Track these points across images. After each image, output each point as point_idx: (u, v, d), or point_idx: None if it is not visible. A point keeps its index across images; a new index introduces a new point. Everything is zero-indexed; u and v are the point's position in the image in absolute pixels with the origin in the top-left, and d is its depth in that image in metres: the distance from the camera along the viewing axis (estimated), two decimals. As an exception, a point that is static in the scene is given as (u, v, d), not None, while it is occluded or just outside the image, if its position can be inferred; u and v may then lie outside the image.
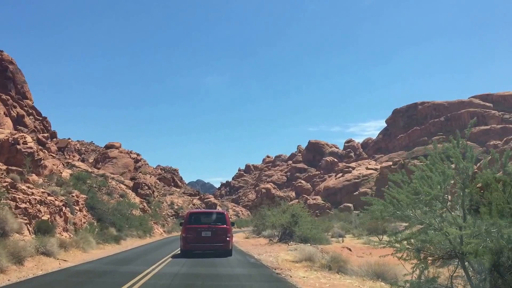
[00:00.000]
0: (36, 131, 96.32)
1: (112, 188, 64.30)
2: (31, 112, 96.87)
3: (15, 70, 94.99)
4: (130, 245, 37.90)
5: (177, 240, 36.27)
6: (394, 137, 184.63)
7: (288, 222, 32.78)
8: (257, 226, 54.23)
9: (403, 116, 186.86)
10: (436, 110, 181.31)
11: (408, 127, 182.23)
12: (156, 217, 65.22)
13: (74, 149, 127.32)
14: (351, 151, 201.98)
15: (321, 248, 27.42)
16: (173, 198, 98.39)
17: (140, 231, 49.36)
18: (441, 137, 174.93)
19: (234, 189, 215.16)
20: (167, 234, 62.57)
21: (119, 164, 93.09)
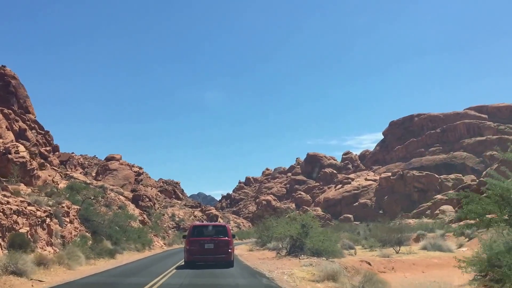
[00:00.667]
0: (38, 145, 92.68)
1: (111, 200, 60.06)
2: (33, 126, 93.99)
3: (17, 84, 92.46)
4: (126, 259, 33.70)
5: (177, 253, 34.73)
6: (391, 148, 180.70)
7: (298, 233, 28.55)
8: (261, 237, 49.97)
9: (400, 128, 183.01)
10: (432, 122, 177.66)
11: (404, 139, 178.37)
12: (156, 229, 60.93)
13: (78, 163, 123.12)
14: (349, 163, 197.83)
15: (337, 262, 23.33)
16: (174, 210, 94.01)
17: (138, 244, 45.14)
18: (437, 148, 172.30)
19: (234, 201, 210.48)
20: (167, 247, 58.23)
21: (119, 176, 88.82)
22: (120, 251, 37.49)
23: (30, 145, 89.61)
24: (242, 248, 51.61)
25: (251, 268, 22.06)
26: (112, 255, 34.01)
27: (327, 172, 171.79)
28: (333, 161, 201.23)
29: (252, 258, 29.68)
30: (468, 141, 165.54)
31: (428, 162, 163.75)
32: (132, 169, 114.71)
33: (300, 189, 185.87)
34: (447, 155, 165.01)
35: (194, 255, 21.97)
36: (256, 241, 55.75)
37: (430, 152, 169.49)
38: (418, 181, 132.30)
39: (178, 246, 62.36)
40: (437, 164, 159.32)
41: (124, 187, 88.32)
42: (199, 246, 21.77)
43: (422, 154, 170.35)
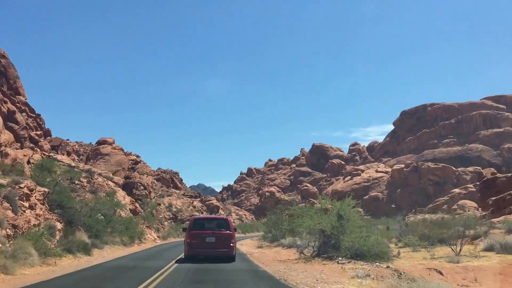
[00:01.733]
0: (28, 128, 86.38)
1: (98, 186, 52.94)
2: (23, 109, 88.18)
3: (7, 64, 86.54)
4: (103, 257, 26.54)
5: (170, 249, 31.43)
6: (402, 140, 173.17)
7: (333, 227, 21.31)
8: (271, 231, 42.90)
9: (411, 118, 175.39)
10: (446, 112, 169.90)
11: (416, 130, 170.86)
12: (149, 220, 53.80)
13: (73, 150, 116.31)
14: (356, 155, 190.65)
15: (393, 268, 16.14)
16: (172, 200, 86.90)
17: (125, 237, 37.97)
18: (452, 140, 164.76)
19: (236, 193, 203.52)
20: (161, 240, 51.13)
21: (112, 161, 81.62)
22: (100, 246, 30.36)
23: (19, 128, 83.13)
24: (249, 243, 44.45)
25: (277, 279, 14.72)
26: (87, 251, 26.91)
27: (334, 163, 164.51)
28: (339, 152, 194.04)
29: (268, 260, 22.45)
30: (484, 133, 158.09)
31: (441, 155, 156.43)
32: (129, 157, 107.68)
33: (305, 181, 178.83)
34: (462, 147, 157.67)
35: (194, 248, 21.29)
36: (264, 236, 48.87)
37: (444, 144, 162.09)
38: (434, 173, 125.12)
39: (174, 239, 55.27)
40: (451, 157, 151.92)
41: (117, 173, 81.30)
42: (200, 240, 21.11)
43: (435, 146, 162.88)
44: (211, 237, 21.05)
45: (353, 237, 20.87)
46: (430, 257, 24.55)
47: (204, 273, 16.33)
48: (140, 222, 50.93)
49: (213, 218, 25.39)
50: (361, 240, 20.78)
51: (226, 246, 21.04)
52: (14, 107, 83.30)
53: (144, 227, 50.37)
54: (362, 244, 20.63)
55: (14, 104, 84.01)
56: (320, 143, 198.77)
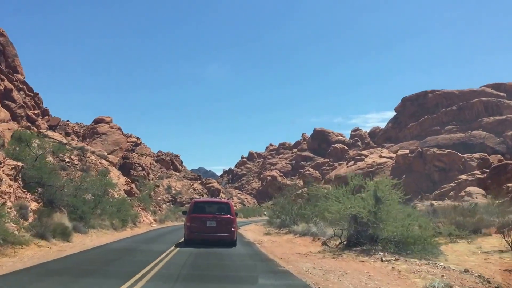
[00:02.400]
0: (25, 107, 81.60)
1: (90, 164, 47.97)
2: (21, 87, 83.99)
3: (5, 42, 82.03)
4: (87, 243, 21.70)
5: (166, 234, 28.31)
6: (405, 126, 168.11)
7: (370, 213, 16.29)
8: (279, 216, 38.01)
9: (413, 105, 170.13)
10: (447, 99, 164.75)
11: (418, 116, 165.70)
12: (145, 202, 48.84)
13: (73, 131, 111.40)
14: (358, 140, 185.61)
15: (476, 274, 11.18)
16: (171, 182, 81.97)
17: (117, 220, 33.07)
18: (454, 126, 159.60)
19: (237, 177, 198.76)
20: (158, 224, 46.24)
21: (109, 140, 76.58)
22: (84, 230, 25.47)
23: (16, 107, 78.96)
24: (254, 229, 39.56)
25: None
26: (66, 237, 22.02)
27: (337, 148, 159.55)
28: (341, 137, 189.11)
29: (285, 253, 17.38)
30: (487, 120, 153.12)
31: (445, 141, 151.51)
32: (129, 139, 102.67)
33: (307, 165, 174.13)
34: (465, 134, 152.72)
35: (194, 232, 20.32)
36: (270, 221, 44.10)
37: (447, 130, 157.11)
38: (439, 159, 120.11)
39: (172, 223, 50.43)
40: (455, 143, 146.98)
41: (114, 153, 76.33)
42: (200, 224, 20.23)
43: (438, 132, 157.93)
44: (211, 221, 20.13)
45: (395, 226, 15.87)
46: (479, 250, 19.58)
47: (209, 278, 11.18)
48: (135, 204, 46.06)
49: (214, 202, 24.54)
50: (404, 230, 15.81)
51: (227, 230, 20.16)
52: (11, 85, 79.14)
53: (140, 209, 45.51)
54: (406, 235, 15.67)
55: (11, 82, 79.92)
56: (322, 128, 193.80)
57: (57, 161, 45.29)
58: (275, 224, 39.89)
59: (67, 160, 46.28)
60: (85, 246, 19.96)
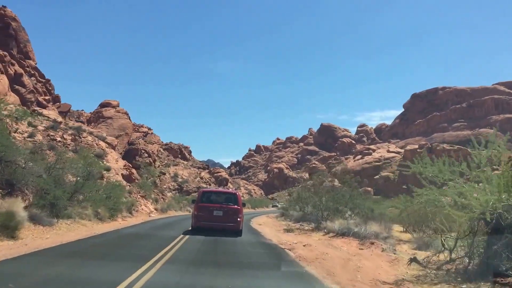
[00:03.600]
0: (35, 92, 74.79)
1: (86, 145, 40.26)
2: (33, 73, 78.39)
3: (18, 27, 76.29)
4: (36, 243, 13.74)
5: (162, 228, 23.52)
6: (412, 122, 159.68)
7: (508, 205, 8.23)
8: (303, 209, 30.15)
9: (422, 101, 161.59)
10: (457, 96, 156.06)
11: (427, 113, 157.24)
12: (146, 189, 40.99)
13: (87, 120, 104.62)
14: (364, 136, 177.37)
15: None
16: (178, 170, 74.24)
17: (103, 209, 25.25)
18: (462, 123, 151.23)
19: (244, 169, 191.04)
20: (158, 214, 38.41)
21: (114, 125, 69.01)
22: (47, 222, 17.68)
23: (26, 92, 72.85)
24: (268, 223, 31.76)
25: None
26: (11, 232, 14.32)
27: (345, 142, 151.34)
28: (347, 133, 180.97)
29: (355, 277, 9.27)
30: (496, 118, 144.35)
31: (451, 138, 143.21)
32: (141, 129, 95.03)
33: (312, 159, 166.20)
34: (472, 132, 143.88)
35: (201, 221, 19.45)
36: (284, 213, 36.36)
37: (454, 127, 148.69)
38: (449, 155, 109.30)
39: (175, 213, 42.65)
40: (461, 141, 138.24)
41: (120, 138, 68.81)
42: (207, 213, 19.43)
43: (445, 129, 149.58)
44: (218, 211, 19.55)
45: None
46: None
47: None
48: (134, 191, 38.31)
49: (222, 192, 23.31)
50: None
51: (233, 220, 19.50)
52: (22, 70, 73.43)
53: (139, 196, 37.73)
54: None
55: (22, 67, 74.29)
56: (328, 123, 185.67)
57: (47, 140, 37.78)
58: (291, 217, 32.16)
59: (59, 139, 38.63)
60: (24, 250, 12.06)
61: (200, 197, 20.49)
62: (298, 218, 31.37)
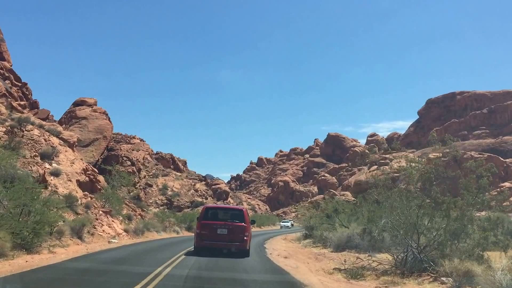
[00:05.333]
0: (7, 96, 63.78)
1: (29, 141, 28.95)
2: (7, 75, 67.51)
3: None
4: None
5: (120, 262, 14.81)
6: (428, 130, 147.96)
7: None
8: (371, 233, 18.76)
9: (439, 107, 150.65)
10: (477, 101, 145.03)
11: (444, 120, 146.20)
12: (116, 203, 29.43)
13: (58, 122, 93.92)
14: (375, 146, 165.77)
15: None
16: (168, 181, 62.79)
17: (7, 236, 13.87)
18: (483, 131, 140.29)
19: (245, 183, 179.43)
20: (129, 238, 26.69)
21: (90, 127, 57.68)
22: None
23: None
24: (292, 250, 20.24)
25: None
26: None
27: (357, 152, 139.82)
28: (356, 143, 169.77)
29: None
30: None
31: (472, 147, 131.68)
32: (132, 140, 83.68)
33: (321, 171, 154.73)
34: (495, 140, 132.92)
35: (204, 240, 18.10)
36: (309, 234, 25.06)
37: (475, 135, 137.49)
38: (479, 164, 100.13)
39: (155, 235, 31.16)
40: (484, 150, 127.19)
41: (96, 143, 57.64)
42: (211, 231, 18.13)
43: (465, 137, 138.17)
44: (223, 229, 18.00)
45: None
46: None
47: None
48: (94, 205, 26.84)
49: (227, 208, 23.57)
50: None
51: (239, 239, 17.93)
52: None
53: (100, 212, 26.27)
54: None
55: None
56: (336, 133, 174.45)
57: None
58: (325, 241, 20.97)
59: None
60: None
61: (203, 213, 19.22)
62: (340, 243, 20.04)
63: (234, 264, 14.97)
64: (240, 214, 19.11)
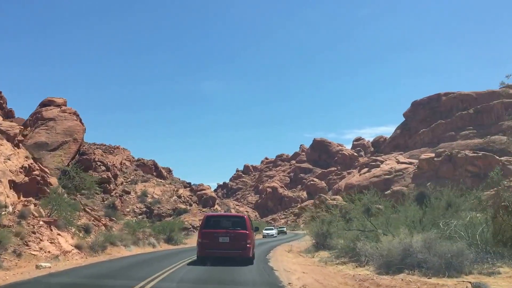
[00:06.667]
0: None
1: None
2: None
3: None
4: None
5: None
6: (415, 132, 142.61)
7: None
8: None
9: (424, 109, 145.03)
10: (463, 102, 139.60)
11: (430, 121, 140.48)
12: (67, 210, 21.57)
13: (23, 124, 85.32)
14: (361, 150, 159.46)
15: None
16: (148, 187, 54.78)
17: None
18: (471, 131, 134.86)
19: (232, 191, 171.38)
20: (82, 257, 18.94)
21: (58, 128, 49.58)
22: None
23: None
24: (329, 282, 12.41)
25: None
26: None
27: (346, 155, 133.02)
28: (342, 148, 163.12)
29: None
30: (508, 123, 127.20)
31: (460, 148, 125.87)
32: (116, 151, 75.44)
33: (307, 177, 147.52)
34: (483, 140, 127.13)
35: (206, 249, 17.08)
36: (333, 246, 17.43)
37: (462, 136, 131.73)
38: (473, 163, 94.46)
39: (123, 251, 23.30)
40: (472, 150, 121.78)
41: (65, 146, 49.64)
42: (212, 239, 17.16)
43: (452, 138, 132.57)
44: (224, 237, 17.07)
45: None
46: None
47: None
48: (34, 214, 19.01)
49: (228, 216, 23.12)
50: None
51: (241, 246, 16.88)
52: None
53: (41, 223, 18.45)
54: None
55: None
56: (322, 138, 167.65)
57: None
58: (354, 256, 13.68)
59: None
60: None
61: (204, 222, 18.13)
62: (391, 259, 12.61)
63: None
64: (242, 221, 18.14)
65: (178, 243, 33.43)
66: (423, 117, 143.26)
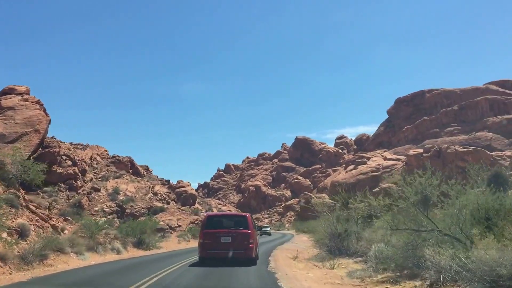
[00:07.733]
0: None
1: None
2: None
3: None
4: None
5: None
6: (399, 129, 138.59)
7: None
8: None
9: (408, 106, 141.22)
10: (447, 98, 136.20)
11: (414, 119, 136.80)
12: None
13: None
14: (344, 148, 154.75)
15: None
16: (120, 184, 48.45)
17: None
18: (455, 128, 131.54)
19: (213, 191, 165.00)
20: (5, 273, 13.09)
21: (17, 118, 43.02)
22: None
23: None
24: None
25: None
26: None
27: (330, 152, 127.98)
28: (325, 146, 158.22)
29: None
30: (493, 120, 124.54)
31: (445, 144, 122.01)
32: (102, 153, 68.70)
33: (290, 176, 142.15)
34: (468, 136, 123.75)
35: (208, 250, 16.62)
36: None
37: (447, 132, 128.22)
38: (462, 159, 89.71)
39: (74, 262, 17.10)
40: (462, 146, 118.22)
41: (26, 138, 43.08)
42: (214, 240, 16.67)
43: (437, 135, 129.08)
44: (226, 237, 16.55)
45: None
46: None
47: None
48: None
49: (230, 215, 22.58)
50: None
51: (243, 246, 16.36)
52: None
53: None
54: None
55: None
56: (304, 136, 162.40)
57: None
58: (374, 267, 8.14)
59: None
60: None
61: (205, 222, 17.61)
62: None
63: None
64: (244, 220, 17.48)
65: (151, 248, 27.41)
66: (407, 114, 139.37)
